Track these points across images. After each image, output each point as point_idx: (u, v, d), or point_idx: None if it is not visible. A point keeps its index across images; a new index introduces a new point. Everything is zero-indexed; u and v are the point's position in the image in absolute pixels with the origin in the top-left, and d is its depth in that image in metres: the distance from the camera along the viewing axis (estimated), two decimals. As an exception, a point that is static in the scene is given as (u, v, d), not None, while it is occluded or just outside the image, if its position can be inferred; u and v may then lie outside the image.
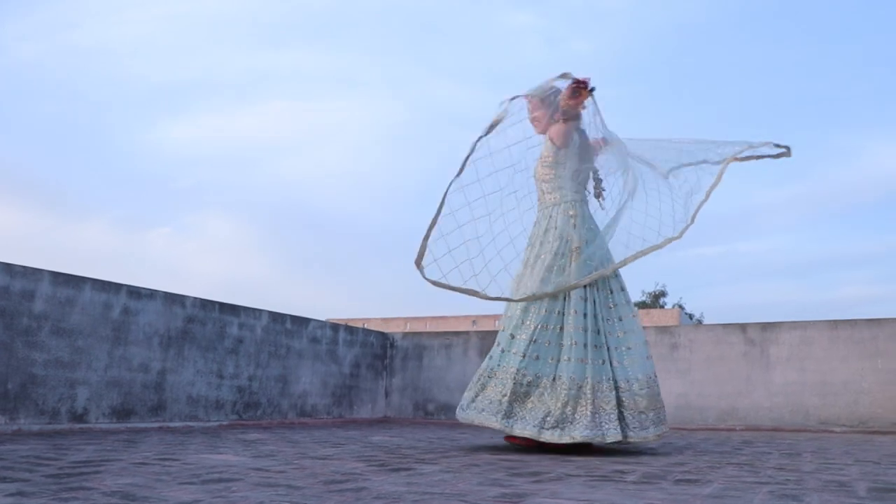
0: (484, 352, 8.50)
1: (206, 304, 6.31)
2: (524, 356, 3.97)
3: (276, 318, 7.15)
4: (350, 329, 8.41)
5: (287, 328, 7.29)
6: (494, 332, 8.88)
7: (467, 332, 8.69)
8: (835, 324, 7.26)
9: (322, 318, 7.95)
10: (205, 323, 6.26)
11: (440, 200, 3.98)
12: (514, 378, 3.93)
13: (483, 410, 4.00)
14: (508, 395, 3.91)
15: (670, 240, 4.02)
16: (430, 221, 3.94)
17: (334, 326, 8.11)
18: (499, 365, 4.07)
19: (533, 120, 4.28)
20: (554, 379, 3.89)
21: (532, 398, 3.90)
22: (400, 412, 8.72)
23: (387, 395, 8.84)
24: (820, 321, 7.33)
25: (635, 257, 4.03)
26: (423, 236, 3.95)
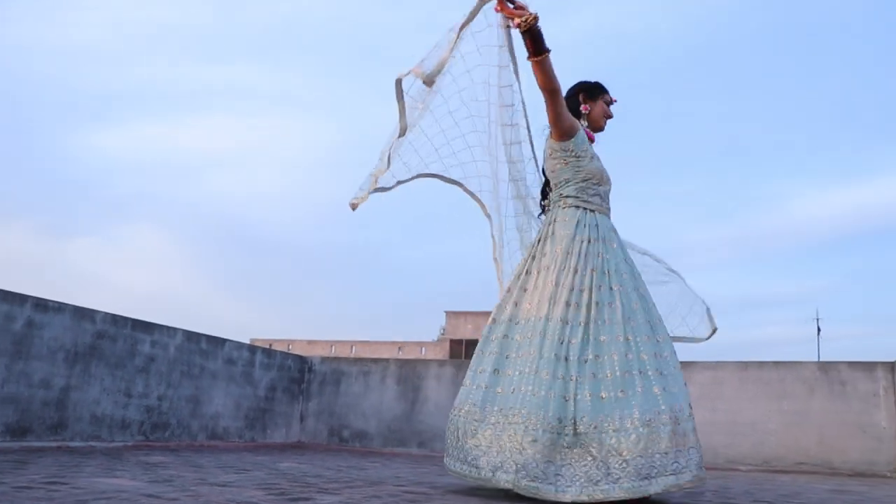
0: (401, 380, 8.47)
1: (117, 320, 6.13)
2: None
3: (191, 337, 6.99)
4: (267, 352, 8.28)
5: (202, 348, 7.13)
6: (418, 361, 8.87)
7: (386, 360, 8.64)
8: (745, 365, 7.46)
9: (247, 337, 7.84)
10: (115, 339, 6.08)
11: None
12: None
13: None
14: None
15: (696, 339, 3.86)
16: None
17: (251, 348, 7.97)
18: None
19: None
20: None
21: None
22: (315, 437, 8.60)
23: (302, 419, 8.70)
24: (731, 362, 7.53)
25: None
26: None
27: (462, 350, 48.29)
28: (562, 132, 3.29)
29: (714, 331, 3.81)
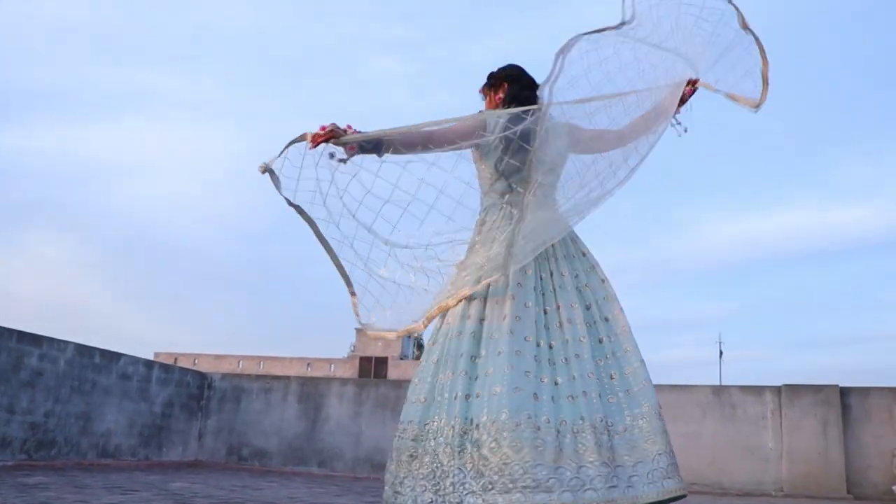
0: (303, 398, 8.35)
1: (1, 332, 5.86)
2: None
3: (84, 351, 6.74)
4: (165, 367, 8.05)
5: (95, 362, 6.88)
6: (320, 379, 8.77)
7: (288, 378, 8.53)
8: (642, 387, 7.64)
9: (151, 351, 7.61)
10: (-1, 352, 5.81)
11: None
12: None
13: None
14: None
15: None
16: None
17: (148, 363, 7.74)
18: None
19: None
20: None
21: None
22: (213, 455, 8.38)
23: (200, 437, 8.48)
24: (629, 384, 7.69)
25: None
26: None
27: (371, 368, 47.99)
28: None
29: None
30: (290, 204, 2.74)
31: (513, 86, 2.70)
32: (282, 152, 2.71)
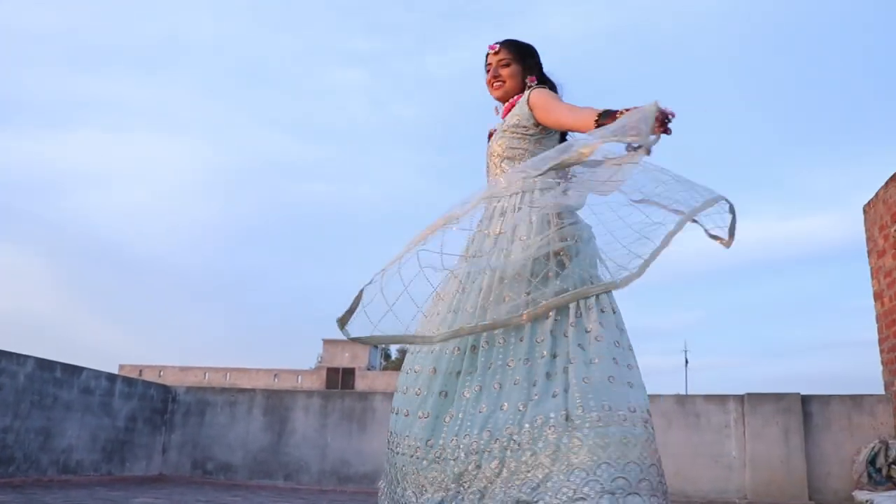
0: (268, 411, 8.29)
1: (-41, 347, 5.75)
2: None
3: (45, 365, 6.63)
4: (128, 380, 7.94)
5: (56, 377, 6.77)
6: (285, 392, 8.72)
7: (253, 390, 8.45)
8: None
9: (116, 363, 7.52)
10: (-44, 367, 5.70)
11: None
12: None
13: None
14: None
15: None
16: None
17: (111, 377, 7.63)
18: None
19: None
20: None
21: None
22: (177, 470, 8.28)
23: (164, 451, 8.37)
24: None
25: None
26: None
27: (339, 379, 47.76)
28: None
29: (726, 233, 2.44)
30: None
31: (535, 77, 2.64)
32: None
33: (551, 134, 2.56)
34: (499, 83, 2.62)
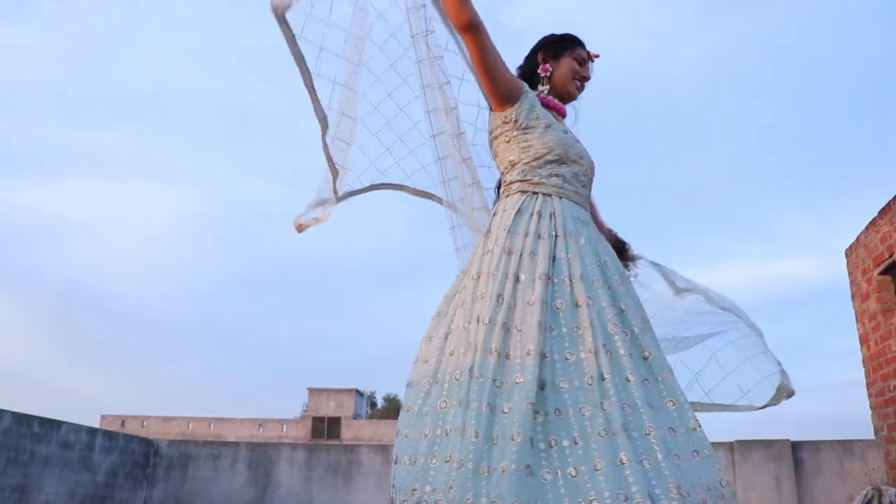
0: (252, 464, 8.13)
1: (-65, 403, 5.62)
2: None
3: (22, 420, 6.49)
4: (109, 434, 7.79)
5: (34, 431, 6.63)
6: (270, 445, 8.56)
7: (237, 444, 8.30)
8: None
9: (97, 413, 7.35)
10: (-69, 424, 5.57)
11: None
12: None
13: None
14: None
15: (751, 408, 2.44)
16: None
17: (91, 430, 7.48)
18: None
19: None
20: None
21: None
22: (158, 526, 8.09)
23: (145, 507, 8.18)
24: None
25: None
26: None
27: (324, 428, 47.20)
28: (498, 95, 2.21)
29: (782, 396, 2.42)
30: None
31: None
32: None
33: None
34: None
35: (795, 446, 7.36)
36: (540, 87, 2.35)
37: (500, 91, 2.21)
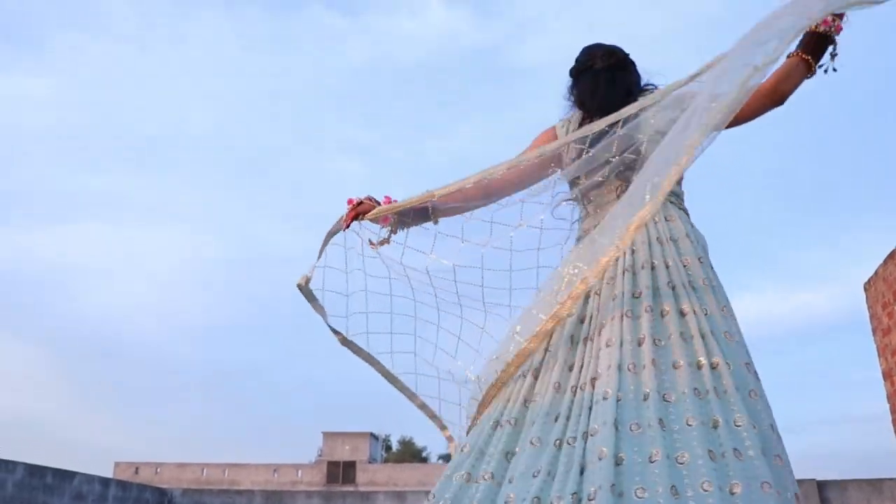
0: (270, 511, 8.01)
1: (-54, 456, 5.57)
2: None
3: (35, 471, 6.43)
4: (123, 484, 7.71)
5: (47, 483, 6.56)
6: (285, 493, 8.43)
7: (251, 492, 8.21)
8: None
9: (111, 460, 7.28)
10: (-57, 477, 5.50)
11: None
12: None
13: None
14: None
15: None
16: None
17: (104, 481, 7.40)
18: None
19: None
20: None
21: None
22: (172, 578, 7.96)
23: (159, 558, 8.06)
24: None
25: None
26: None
27: (340, 473, 46.74)
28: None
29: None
30: (337, 335, 2.13)
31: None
32: (320, 254, 2.11)
33: None
34: None
35: (822, 486, 7.20)
36: None
37: None
